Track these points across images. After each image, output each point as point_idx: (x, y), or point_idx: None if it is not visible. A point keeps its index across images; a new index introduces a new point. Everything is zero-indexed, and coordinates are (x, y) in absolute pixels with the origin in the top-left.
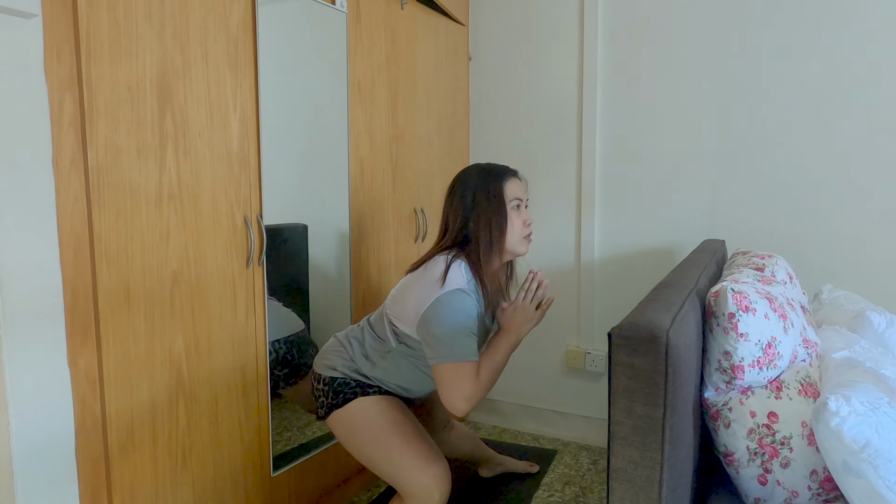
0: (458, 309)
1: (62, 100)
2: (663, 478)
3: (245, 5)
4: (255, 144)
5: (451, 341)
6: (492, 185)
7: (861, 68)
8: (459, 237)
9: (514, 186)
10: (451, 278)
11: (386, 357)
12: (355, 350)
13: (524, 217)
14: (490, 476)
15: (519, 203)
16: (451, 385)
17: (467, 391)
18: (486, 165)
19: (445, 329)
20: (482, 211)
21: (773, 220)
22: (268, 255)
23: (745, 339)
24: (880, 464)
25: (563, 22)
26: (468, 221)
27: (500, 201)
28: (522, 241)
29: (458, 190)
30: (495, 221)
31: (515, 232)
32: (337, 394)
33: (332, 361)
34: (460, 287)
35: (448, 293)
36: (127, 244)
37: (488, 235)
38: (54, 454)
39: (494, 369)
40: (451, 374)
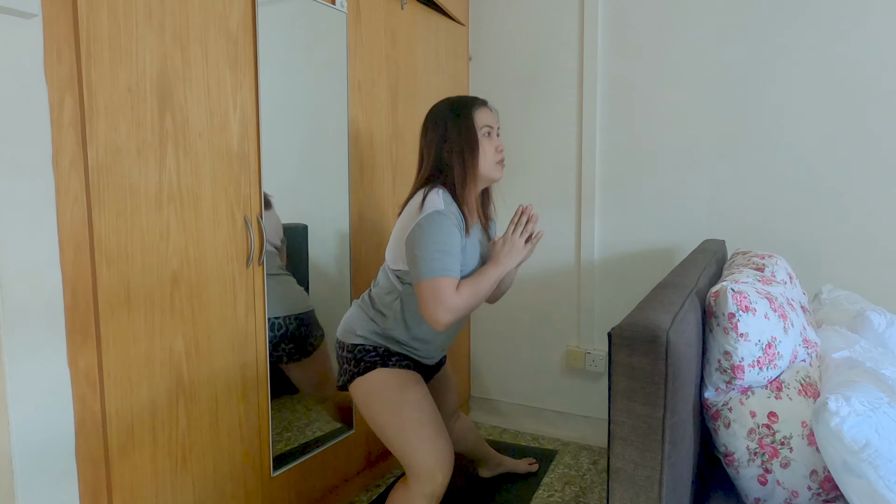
0: (438, 229)
1: (62, 100)
2: (663, 478)
3: (245, 5)
4: (255, 144)
5: (431, 259)
6: (462, 116)
7: (861, 68)
8: (435, 169)
9: (483, 115)
10: (429, 203)
11: (394, 305)
12: (369, 308)
13: (495, 143)
14: (490, 476)
15: (489, 130)
16: (431, 299)
17: (446, 303)
18: (455, 98)
19: (425, 248)
20: (454, 141)
21: (773, 220)
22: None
23: (745, 339)
24: (880, 464)
25: (563, 22)
26: (441, 152)
27: (471, 130)
28: (496, 167)
29: (430, 124)
30: (467, 149)
31: (487, 158)
32: (359, 361)
33: (352, 326)
34: (437, 209)
35: (426, 216)
36: (127, 244)
37: (462, 163)
38: (54, 454)
39: (475, 290)
40: (431, 287)
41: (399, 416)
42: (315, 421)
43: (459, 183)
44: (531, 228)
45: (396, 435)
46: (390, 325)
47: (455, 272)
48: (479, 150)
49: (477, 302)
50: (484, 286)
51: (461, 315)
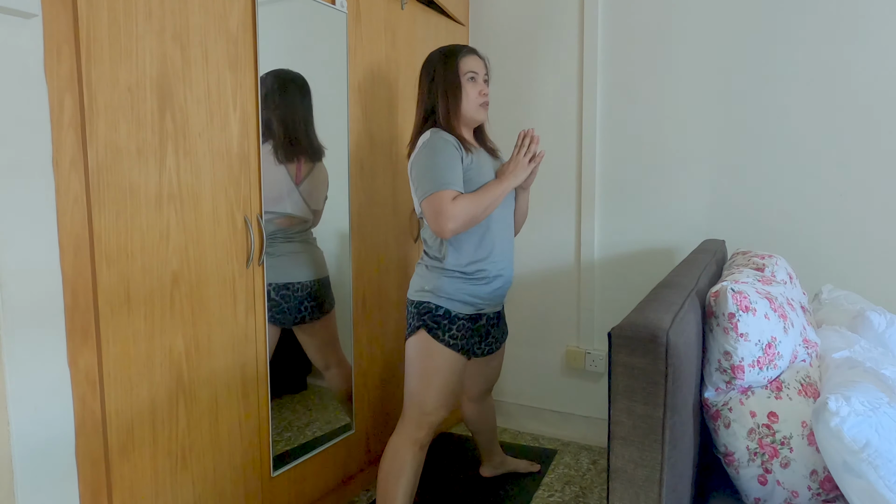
0: (431, 151)
1: (62, 100)
2: (663, 478)
3: (245, 5)
4: (255, 144)
5: (424, 180)
6: (449, 60)
7: (862, 68)
8: (426, 112)
9: (469, 61)
10: (420, 141)
11: (442, 247)
12: (428, 261)
13: (479, 88)
14: (491, 476)
15: (474, 76)
16: (432, 213)
17: (447, 211)
18: (445, 46)
19: (424, 170)
20: (440, 84)
21: (773, 220)
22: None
23: (745, 339)
24: (880, 464)
25: (563, 22)
26: (430, 94)
27: (455, 74)
28: (479, 109)
29: (423, 72)
30: (451, 91)
31: (470, 100)
32: (420, 315)
33: (419, 283)
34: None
35: (419, 146)
36: (127, 244)
37: (445, 104)
38: (54, 454)
39: (477, 199)
40: (431, 203)
41: (428, 374)
42: (315, 421)
43: (444, 123)
44: (534, 149)
45: (416, 387)
46: (449, 264)
47: (451, 184)
48: (462, 93)
49: (478, 209)
50: (485, 197)
51: (464, 222)
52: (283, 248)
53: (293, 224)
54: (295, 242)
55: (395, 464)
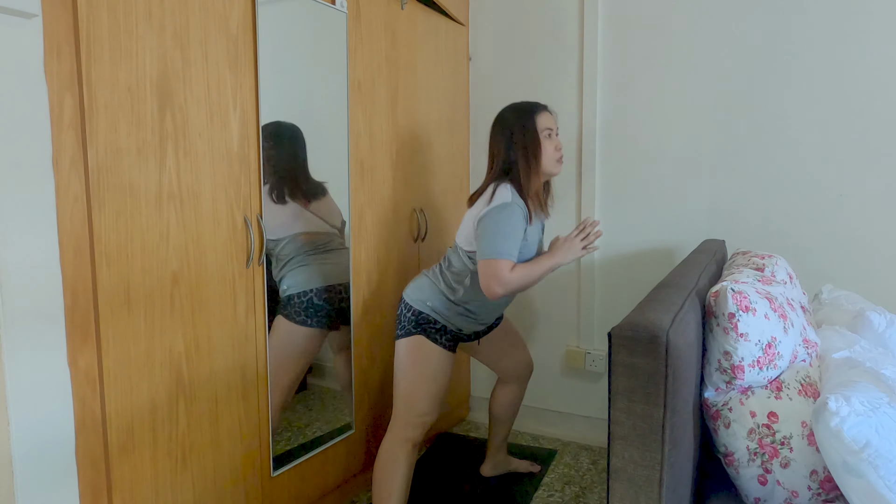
0: (504, 218)
1: (62, 100)
2: (663, 478)
3: (245, 5)
4: (255, 144)
5: (495, 242)
6: (526, 120)
7: (862, 68)
8: (503, 167)
9: (544, 118)
10: (498, 195)
11: (465, 281)
12: (442, 284)
13: (555, 143)
14: (491, 475)
15: (550, 132)
16: (490, 274)
17: (502, 279)
18: (520, 103)
19: (492, 233)
20: (519, 142)
21: (773, 220)
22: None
23: (745, 339)
24: (880, 464)
25: (564, 22)
26: (509, 152)
27: (534, 132)
28: (555, 164)
29: (498, 129)
30: (531, 149)
31: (548, 156)
32: (417, 325)
33: (424, 296)
34: (506, 201)
35: (496, 207)
36: (127, 244)
37: (526, 161)
38: (54, 454)
39: (528, 272)
40: (492, 265)
41: (420, 380)
42: (315, 421)
43: (525, 177)
44: (592, 239)
45: (408, 388)
46: (460, 297)
47: (513, 256)
48: (542, 150)
49: (528, 283)
50: (536, 271)
51: (512, 291)
52: (315, 259)
53: (319, 237)
54: (332, 251)
55: (388, 464)
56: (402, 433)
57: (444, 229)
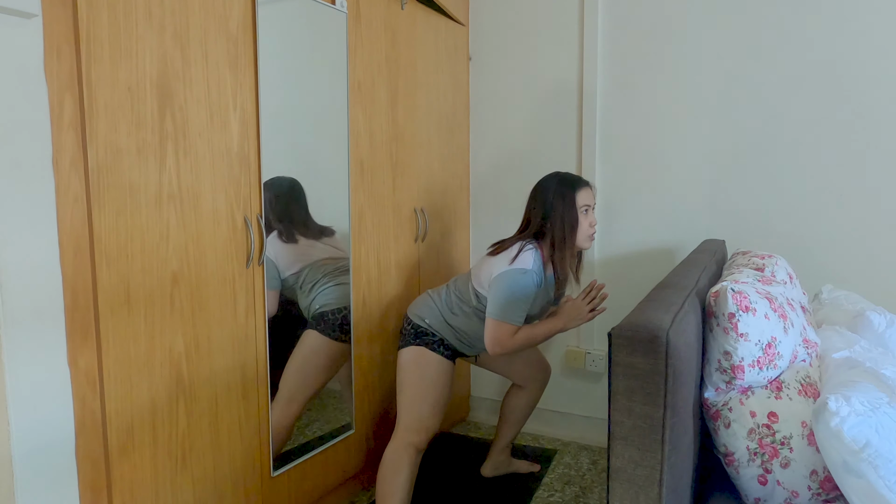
0: (518, 284)
1: (62, 100)
2: (663, 478)
3: (245, 5)
4: (255, 144)
5: (505, 305)
6: (567, 192)
7: (862, 68)
8: (537, 232)
9: (584, 194)
10: (522, 260)
11: (465, 311)
12: (442, 304)
13: (590, 220)
14: (491, 475)
15: (587, 208)
16: (493, 334)
17: (503, 342)
18: (565, 175)
19: (504, 295)
20: (557, 212)
21: (773, 220)
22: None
23: (745, 339)
24: (880, 464)
25: (563, 22)
26: (546, 220)
27: (573, 206)
28: (587, 239)
29: (540, 193)
30: (568, 222)
31: (583, 231)
32: (416, 337)
33: (423, 312)
34: (525, 267)
35: (515, 269)
36: (127, 244)
37: (562, 232)
38: (54, 454)
39: (531, 335)
40: (497, 327)
41: (422, 387)
42: (315, 421)
43: (558, 247)
44: (598, 302)
45: (410, 397)
46: (456, 323)
47: (519, 321)
48: (578, 225)
49: (529, 345)
50: (539, 335)
51: (511, 351)
52: (341, 279)
53: (339, 261)
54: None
55: (392, 468)
56: (405, 438)
57: (444, 229)
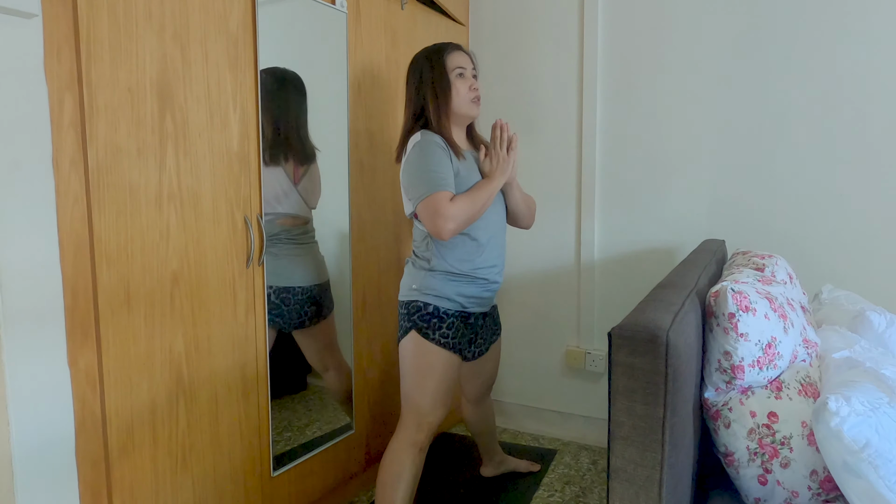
0: (419, 155)
1: (62, 100)
2: (663, 478)
3: (245, 5)
4: (255, 144)
5: (419, 182)
6: (434, 60)
7: (861, 68)
8: (416, 112)
9: (455, 57)
10: (410, 143)
11: (431, 246)
12: (416, 260)
13: (469, 83)
14: (492, 475)
15: (462, 71)
16: (430, 214)
17: (444, 211)
18: (430, 45)
19: (413, 175)
20: (427, 83)
21: (773, 220)
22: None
23: (745, 339)
24: (880, 464)
25: (563, 22)
26: (418, 95)
27: (442, 71)
28: (471, 104)
29: (409, 72)
30: (440, 88)
31: (461, 96)
32: (410, 315)
33: (407, 282)
34: (415, 141)
35: (412, 147)
36: (127, 244)
37: (436, 103)
38: (54, 454)
39: (471, 199)
40: (428, 205)
41: (422, 374)
42: (315, 421)
43: (435, 121)
44: (506, 137)
45: (411, 387)
46: (436, 265)
47: (446, 185)
48: (452, 90)
49: (475, 210)
50: (479, 197)
51: (462, 222)
52: (285, 250)
53: (296, 224)
54: (297, 245)
55: (393, 467)
56: (407, 436)
57: None
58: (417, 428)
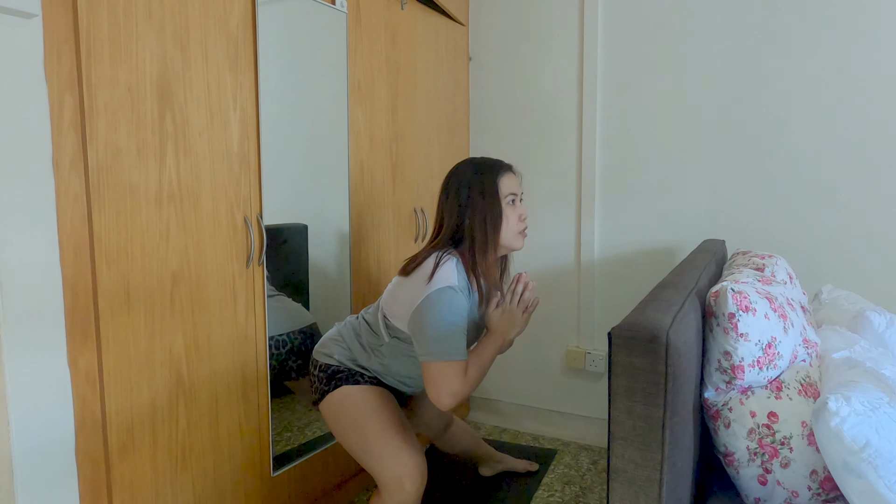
0: (448, 307)
1: (62, 100)
2: (663, 478)
3: (245, 5)
4: (255, 144)
5: (441, 340)
6: (486, 181)
7: (861, 68)
8: (454, 236)
9: (508, 181)
10: (442, 276)
11: (380, 350)
12: (353, 341)
13: (519, 212)
14: (491, 475)
15: (514, 198)
16: (439, 382)
17: (454, 388)
18: (480, 160)
19: (435, 327)
20: (477, 208)
21: (773, 220)
22: (268, 255)
23: (745, 339)
24: (880, 464)
25: (563, 22)
26: (464, 218)
27: (495, 197)
28: (517, 237)
29: (453, 187)
30: (490, 218)
31: (511, 227)
32: (330, 380)
33: (330, 350)
34: (450, 285)
35: (437, 291)
36: (127, 244)
37: (483, 232)
38: (54, 454)
39: (482, 368)
40: (440, 371)
41: (363, 428)
42: (315, 421)
43: (480, 251)
44: (528, 297)
45: (361, 446)
46: (374, 366)
47: (463, 353)
48: (503, 220)
49: (482, 377)
50: (488, 362)
51: (465, 398)
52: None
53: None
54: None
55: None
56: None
57: None
58: (394, 489)
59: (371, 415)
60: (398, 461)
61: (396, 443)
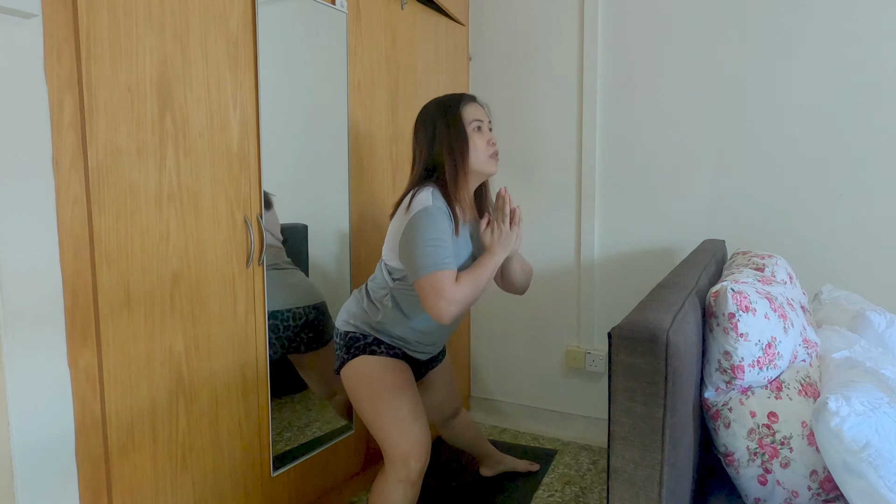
0: (427, 225)
1: (62, 100)
2: (663, 478)
3: (245, 5)
4: (255, 144)
5: (426, 255)
6: (449, 112)
7: (862, 68)
8: (427, 168)
9: (472, 110)
10: (416, 202)
11: (386, 301)
12: (364, 300)
13: (487, 137)
14: (491, 475)
15: (480, 124)
16: (433, 294)
17: (448, 295)
18: (444, 96)
19: (419, 245)
20: (443, 138)
21: (773, 220)
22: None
23: (745, 339)
24: (880, 464)
25: (563, 22)
26: (432, 150)
27: (459, 125)
28: (489, 161)
29: (420, 124)
30: (457, 144)
31: (479, 152)
32: (349, 348)
33: (348, 314)
34: (425, 206)
35: (415, 214)
36: (127, 244)
37: (452, 159)
38: (54, 454)
39: (474, 280)
40: (430, 283)
41: (377, 402)
42: (315, 421)
43: (451, 180)
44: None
45: (374, 419)
46: (383, 320)
47: (451, 264)
48: (470, 145)
49: (478, 292)
50: (483, 276)
51: (465, 306)
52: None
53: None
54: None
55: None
56: (391, 475)
57: None
58: (399, 464)
59: (385, 391)
60: (406, 440)
61: (407, 422)
